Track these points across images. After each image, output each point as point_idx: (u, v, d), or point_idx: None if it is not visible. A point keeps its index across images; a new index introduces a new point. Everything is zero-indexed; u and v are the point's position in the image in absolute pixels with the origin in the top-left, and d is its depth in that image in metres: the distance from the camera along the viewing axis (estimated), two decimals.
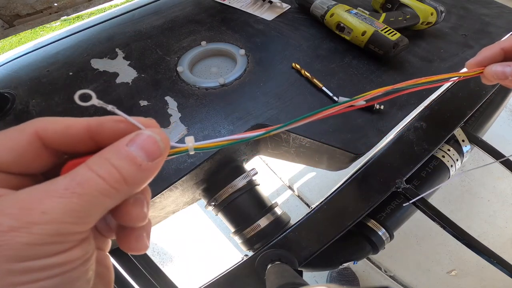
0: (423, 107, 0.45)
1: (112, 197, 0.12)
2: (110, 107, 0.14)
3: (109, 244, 0.16)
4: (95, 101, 0.14)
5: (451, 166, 0.49)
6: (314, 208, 0.38)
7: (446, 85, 0.48)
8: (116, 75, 0.50)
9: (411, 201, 0.39)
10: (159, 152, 0.13)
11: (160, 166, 0.14)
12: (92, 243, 0.13)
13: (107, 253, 0.16)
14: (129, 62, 0.52)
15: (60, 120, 0.13)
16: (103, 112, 0.43)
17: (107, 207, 0.12)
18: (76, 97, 0.14)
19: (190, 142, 0.17)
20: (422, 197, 0.41)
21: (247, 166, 0.48)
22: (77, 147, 0.13)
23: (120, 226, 0.15)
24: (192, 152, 0.17)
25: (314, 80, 0.46)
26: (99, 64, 0.52)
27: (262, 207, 0.43)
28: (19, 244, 0.10)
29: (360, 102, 0.22)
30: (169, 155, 0.15)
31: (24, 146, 0.12)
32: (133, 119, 0.14)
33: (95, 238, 0.14)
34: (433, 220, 0.40)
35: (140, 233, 0.15)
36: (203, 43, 0.53)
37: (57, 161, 0.13)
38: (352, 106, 0.21)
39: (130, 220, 0.14)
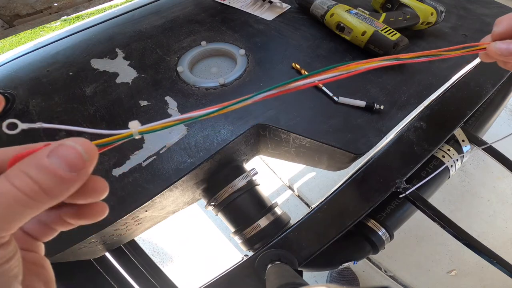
0: (423, 107, 0.45)
1: (32, 207, 0.12)
2: (37, 125, 0.15)
3: (42, 247, 0.17)
4: (22, 126, 0.15)
5: (451, 166, 0.49)
6: (314, 208, 0.38)
7: (446, 85, 0.48)
8: (116, 75, 0.50)
9: (406, 193, 0.39)
10: (83, 163, 0.13)
11: (87, 175, 0.14)
12: (13, 245, 0.13)
13: (43, 255, 0.16)
14: (129, 62, 0.52)
15: None
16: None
17: (28, 215, 0.12)
18: (4, 127, 0.15)
19: (134, 127, 0.16)
20: (422, 197, 0.41)
21: (247, 166, 0.48)
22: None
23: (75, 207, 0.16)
24: (137, 137, 0.16)
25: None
26: (99, 64, 0.52)
27: (262, 207, 0.42)
28: None
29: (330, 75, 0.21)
30: (113, 142, 0.15)
31: None
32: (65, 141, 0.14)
33: (27, 242, 0.15)
34: (433, 220, 0.40)
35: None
36: (203, 43, 0.53)
37: None
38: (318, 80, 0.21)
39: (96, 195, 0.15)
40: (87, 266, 0.41)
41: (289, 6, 0.62)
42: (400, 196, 0.40)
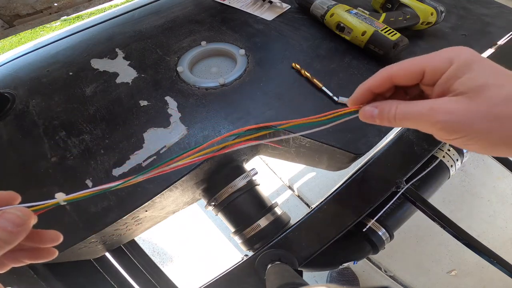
0: None
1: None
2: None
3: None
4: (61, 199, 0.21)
5: (451, 166, 0.49)
6: (314, 208, 0.38)
7: None
8: (116, 75, 0.50)
9: (402, 190, 0.39)
10: (22, 221, 0.19)
11: (29, 227, 0.19)
12: None
13: None
14: (129, 62, 0.52)
15: None
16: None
17: None
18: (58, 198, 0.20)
19: (60, 197, 0.21)
20: (422, 197, 0.41)
21: (247, 166, 0.48)
22: None
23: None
24: (63, 203, 0.21)
25: (314, 80, 0.46)
26: (99, 64, 0.52)
27: (262, 207, 0.42)
28: None
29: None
30: (42, 209, 0.20)
31: None
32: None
33: None
34: (433, 220, 0.40)
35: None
36: (203, 43, 0.53)
37: None
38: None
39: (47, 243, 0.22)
40: (87, 266, 0.41)
41: (289, 6, 0.62)
42: (397, 191, 0.40)
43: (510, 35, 0.55)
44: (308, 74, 0.47)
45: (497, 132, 0.18)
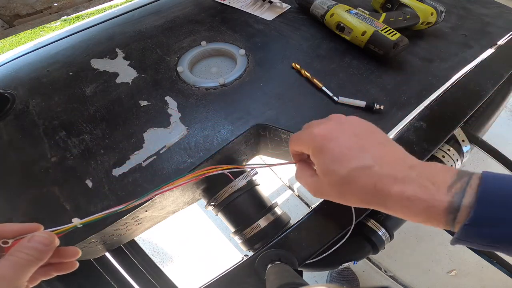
0: (423, 107, 0.45)
1: (29, 267, 0.22)
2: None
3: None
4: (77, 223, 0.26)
5: (451, 166, 0.49)
6: (314, 208, 0.38)
7: (446, 85, 0.48)
8: (116, 75, 0.50)
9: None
10: (49, 242, 0.23)
11: (54, 246, 0.24)
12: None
13: None
14: (129, 62, 0.52)
15: None
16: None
17: (29, 272, 0.22)
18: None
19: (76, 221, 0.25)
20: None
21: (247, 166, 0.48)
22: None
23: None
24: (79, 226, 0.26)
25: (314, 80, 0.46)
26: (99, 64, 0.52)
27: (262, 207, 0.42)
28: None
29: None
30: (62, 232, 0.25)
31: None
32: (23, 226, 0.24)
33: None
34: None
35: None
36: (203, 43, 0.53)
37: None
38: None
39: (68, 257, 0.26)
40: (87, 266, 0.41)
41: (289, 6, 0.62)
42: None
43: (510, 35, 0.55)
44: (308, 74, 0.47)
45: (346, 201, 0.27)
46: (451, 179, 0.24)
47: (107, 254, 0.48)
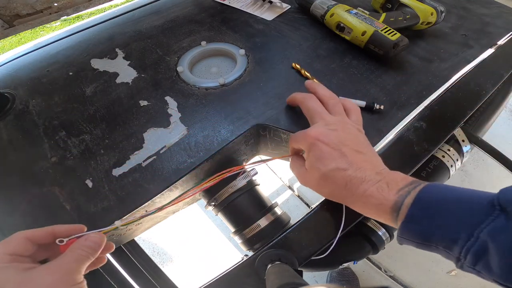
0: (423, 107, 0.45)
1: (87, 261, 0.26)
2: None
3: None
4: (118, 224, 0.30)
5: (451, 166, 0.49)
6: (314, 208, 0.38)
7: (446, 85, 0.48)
8: (116, 75, 0.50)
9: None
10: (101, 240, 0.28)
11: (103, 245, 0.28)
12: (84, 281, 0.26)
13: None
14: (129, 62, 0.52)
15: (40, 230, 0.27)
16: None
17: (87, 265, 0.26)
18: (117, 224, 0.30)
19: (118, 223, 0.30)
20: None
21: (247, 166, 0.48)
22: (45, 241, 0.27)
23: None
24: (121, 228, 0.31)
25: (314, 80, 0.46)
26: (99, 64, 0.52)
27: (262, 207, 0.42)
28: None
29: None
30: (106, 232, 0.29)
31: (24, 244, 0.25)
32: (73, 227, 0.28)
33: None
34: None
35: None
36: (203, 43, 0.53)
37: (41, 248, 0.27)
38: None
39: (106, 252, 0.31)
40: None
41: (289, 6, 0.62)
42: None
43: (510, 35, 0.55)
44: (308, 74, 0.47)
45: (320, 192, 0.35)
46: (402, 185, 0.29)
47: (107, 254, 0.47)
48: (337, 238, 0.35)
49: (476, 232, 0.24)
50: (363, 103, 0.43)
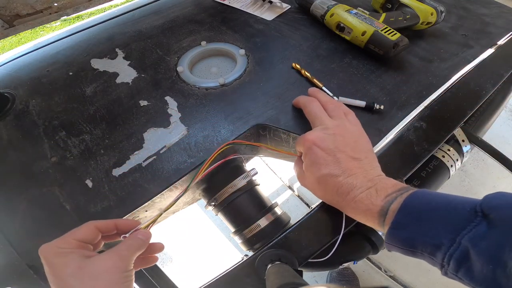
0: (423, 107, 0.45)
1: (137, 251, 0.28)
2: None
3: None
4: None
5: (451, 166, 0.49)
6: (314, 208, 0.38)
7: (446, 85, 0.48)
8: (116, 75, 0.50)
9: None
10: (148, 235, 0.30)
11: (150, 238, 0.31)
12: (134, 270, 0.28)
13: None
14: (129, 62, 0.52)
15: (106, 221, 0.30)
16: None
17: (137, 254, 0.28)
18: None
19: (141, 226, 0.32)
20: None
21: (247, 166, 0.48)
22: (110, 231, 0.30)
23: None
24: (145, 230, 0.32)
25: (314, 80, 0.46)
26: (99, 64, 0.52)
27: (262, 207, 0.42)
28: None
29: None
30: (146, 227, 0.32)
31: (93, 232, 0.28)
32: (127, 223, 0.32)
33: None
34: None
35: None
36: (203, 43, 0.53)
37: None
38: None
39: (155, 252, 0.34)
40: None
41: (289, 6, 0.62)
42: None
43: (510, 35, 0.55)
44: (308, 74, 0.47)
45: (315, 194, 0.36)
46: (391, 191, 0.29)
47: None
48: (338, 240, 0.35)
49: (458, 238, 0.23)
50: (363, 103, 0.43)
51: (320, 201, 0.38)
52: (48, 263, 0.25)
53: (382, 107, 0.43)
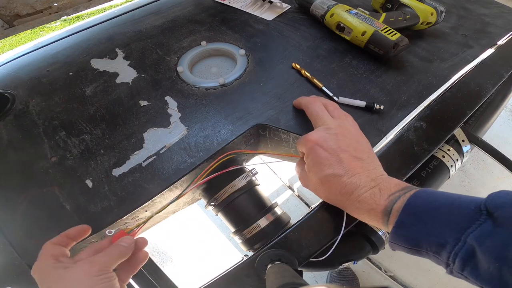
0: (423, 107, 0.45)
1: (120, 258, 0.29)
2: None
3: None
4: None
5: (451, 166, 0.49)
6: (314, 208, 0.38)
7: (446, 85, 0.48)
8: (116, 75, 0.50)
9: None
10: (131, 242, 0.31)
11: (133, 246, 0.31)
12: (114, 276, 0.28)
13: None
14: (129, 62, 0.52)
15: (58, 237, 0.30)
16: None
17: (118, 262, 0.29)
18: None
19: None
20: None
21: (247, 166, 0.48)
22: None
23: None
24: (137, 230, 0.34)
25: (314, 80, 0.46)
26: (99, 64, 0.52)
27: (262, 207, 0.42)
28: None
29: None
30: (130, 231, 0.33)
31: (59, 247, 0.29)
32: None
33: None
34: None
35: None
36: (203, 43, 0.53)
37: None
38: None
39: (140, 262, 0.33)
40: None
41: (289, 6, 0.62)
42: None
43: (510, 35, 0.55)
44: (308, 74, 0.47)
45: (318, 195, 0.36)
46: (394, 190, 0.30)
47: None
48: (338, 240, 0.35)
49: (463, 237, 0.23)
50: (363, 103, 0.43)
51: (320, 201, 0.38)
52: (38, 282, 0.27)
53: (382, 107, 0.43)
